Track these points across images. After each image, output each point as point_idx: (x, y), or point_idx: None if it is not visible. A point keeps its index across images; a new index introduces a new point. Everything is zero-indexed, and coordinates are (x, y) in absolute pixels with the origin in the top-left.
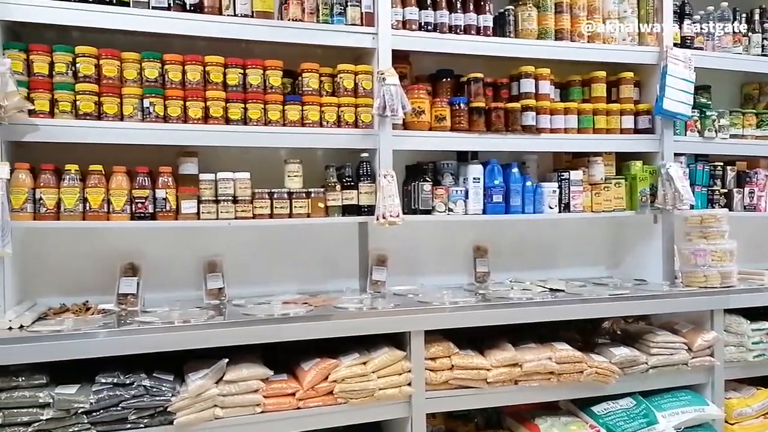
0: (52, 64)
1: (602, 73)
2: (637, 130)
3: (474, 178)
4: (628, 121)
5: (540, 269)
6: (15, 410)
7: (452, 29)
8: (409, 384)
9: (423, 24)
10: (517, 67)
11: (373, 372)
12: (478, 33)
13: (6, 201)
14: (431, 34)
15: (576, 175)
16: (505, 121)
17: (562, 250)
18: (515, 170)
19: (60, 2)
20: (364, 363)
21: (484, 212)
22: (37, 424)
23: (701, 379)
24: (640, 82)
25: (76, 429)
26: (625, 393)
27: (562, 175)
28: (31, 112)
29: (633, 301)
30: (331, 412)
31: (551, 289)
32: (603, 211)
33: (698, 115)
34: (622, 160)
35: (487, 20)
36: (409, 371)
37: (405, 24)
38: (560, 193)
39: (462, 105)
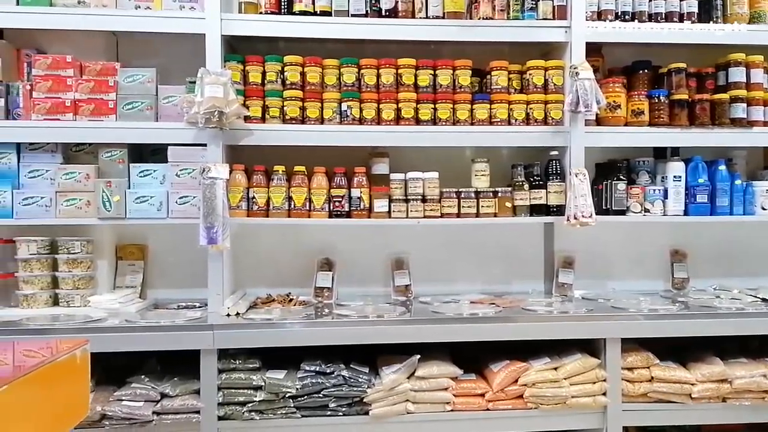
0: (263, 74)
1: None
2: None
3: (675, 177)
4: None
5: (748, 277)
6: (233, 390)
7: (652, 17)
8: (604, 394)
9: (620, 14)
10: (724, 55)
11: (564, 378)
12: (680, 20)
13: (226, 199)
14: (629, 24)
15: None
16: (711, 114)
17: None
18: (722, 167)
19: (273, 16)
20: (555, 368)
21: (686, 213)
22: (251, 404)
23: None
24: None
25: (284, 412)
26: None
27: None
28: (246, 118)
29: None
30: (520, 416)
31: (764, 299)
32: None
33: None
34: None
35: (691, 6)
36: (605, 380)
37: (600, 15)
38: None
39: (662, 98)
